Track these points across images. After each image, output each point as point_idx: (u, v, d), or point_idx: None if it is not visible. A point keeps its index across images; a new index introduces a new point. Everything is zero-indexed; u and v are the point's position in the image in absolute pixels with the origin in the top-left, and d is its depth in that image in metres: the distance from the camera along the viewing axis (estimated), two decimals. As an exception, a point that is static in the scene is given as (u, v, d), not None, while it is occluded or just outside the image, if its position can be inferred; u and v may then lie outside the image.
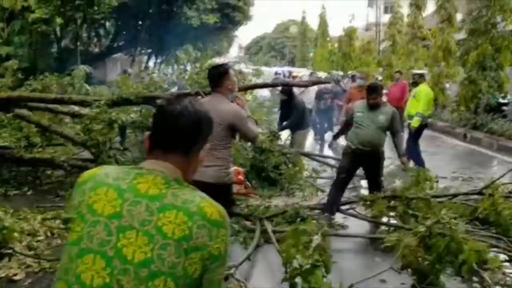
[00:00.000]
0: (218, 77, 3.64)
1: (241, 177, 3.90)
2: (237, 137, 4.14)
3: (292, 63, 48.15)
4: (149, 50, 26.35)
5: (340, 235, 4.97)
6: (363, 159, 5.23)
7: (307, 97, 10.27)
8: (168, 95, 6.58)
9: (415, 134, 8.14)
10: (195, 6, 19.10)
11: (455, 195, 5.05)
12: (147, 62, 26.92)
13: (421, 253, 3.33)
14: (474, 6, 12.73)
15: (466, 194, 5.02)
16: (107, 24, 22.09)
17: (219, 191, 3.60)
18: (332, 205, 5.33)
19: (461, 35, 13.82)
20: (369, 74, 19.70)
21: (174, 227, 1.20)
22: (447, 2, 15.35)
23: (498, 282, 3.46)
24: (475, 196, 5.11)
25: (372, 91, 5.18)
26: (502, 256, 4.14)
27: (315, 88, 10.86)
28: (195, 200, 1.28)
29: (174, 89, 9.29)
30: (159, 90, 7.57)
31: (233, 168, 3.76)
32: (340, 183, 5.37)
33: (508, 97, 12.95)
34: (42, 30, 16.57)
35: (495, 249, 4.23)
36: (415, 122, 7.98)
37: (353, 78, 13.20)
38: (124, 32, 22.62)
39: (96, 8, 14.59)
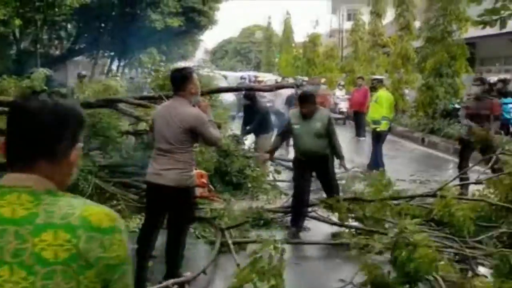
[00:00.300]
0: (181, 80, 3.67)
1: (204, 180, 3.93)
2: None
3: (257, 68, 48.34)
4: (112, 53, 25.90)
5: (304, 243, 5.04)
6: (311, 165, 5.26)
7: (279, 101, 10.40)
8: (130, 98, 6.54)
9: (383, 138, 8.46)
10: (159, 9, 18.93)
11: (411, 197, 5.24)
12: (109, 65, 26.44)
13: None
14: (431, 14, 13.24)
15: (422, 196, 5.22)
16: (69, 26, 21.58)
17: (181, 195, 3.64)
18: (296, 218, 5.34)
19: (419, 43, 14.33)
20: (333, 80, 20.15)
21: (56, 249, 0.99)
22: (406, 11, 15.92)
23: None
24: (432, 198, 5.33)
25: (304, 101, 5.14)
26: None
27: (287, 93, 10.92)
28: (75, 212, 1.04)
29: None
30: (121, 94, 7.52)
31: (196, 171, 3.79)
32: (298, 194, 5.33)
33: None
34: (0, 32, 16.04)
35: (450, 249, 4.44)
36: (384, 126, 8.29)
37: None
38: (86, 35, 22.14)
39: (56, 10, 14.23)
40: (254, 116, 8.00)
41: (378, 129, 8.39)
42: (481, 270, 4.25)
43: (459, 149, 7.24)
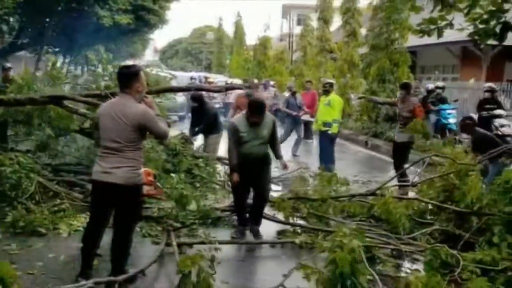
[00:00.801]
0: (128, 78, 3.67)
1: (150, 178, 3.95)
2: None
3: (208, 69, 48.20)
4: (57, 49, 24.98)
5: (251, 243, 5.08)
6: (250, 168, 5.10)
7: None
8: (77, 95, 6.42)
9: (334, 140, 8.80)
10: (107, 5, 18.48)
11: (353, 196, 5.49)
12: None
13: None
14: (376, 23, 13.83)
15: (362, 195, 5.48)
16: (11, 19, 20.59)
17: (129, 192, 3.65)
18: (240, 217, 5.37)
19: (364, 50, 14.91)
20: (283, 83, 20.45)
21: None
22: (351, 18, 16.50)
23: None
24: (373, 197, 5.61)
25: (256, 111, 4.95)
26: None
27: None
28: None
29: None
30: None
31: (143, 169, 3.81)
32: (238, 197, 5.31)
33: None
34: None
35: (388, 245, 4.71)
36: (334, 129, 8.63)
37: (264, 85, 13.54)
38: (29, 29, 21.21)
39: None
40: (202, 118, 8.05)
41: (329, 132, 8.70)
42: (416, 266, 4.54)
43: (392, 151, 7.72)
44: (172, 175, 5.50)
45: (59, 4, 18.38)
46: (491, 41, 4.93)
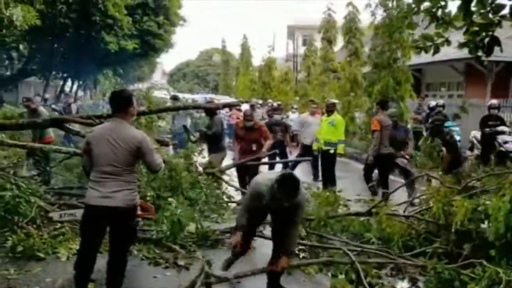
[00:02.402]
0: (124, 102, 3.73)
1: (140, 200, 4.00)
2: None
3: (215, 90, 48.68)
4: (65, 75, 25.44)
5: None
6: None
7: None
8: (77, 117, 6.53)
9: (335, 159, 8.92)
10: (113, 31, 18.86)
11: (349, 215, 5.45)
12: (62, 87, 25.91)
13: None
14: (378, 42, 13.91)
15: (358, 214, 5.43)
16: (20, 46, 21.07)
17: (128, 215, 3.69)
18: None
19: (367, 68, 14.98)
20: (288, 103, 20.53)
21: None
22: (354, 38, 16.63)
23: None
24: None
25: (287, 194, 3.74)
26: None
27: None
28: None
29: None
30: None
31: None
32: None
33: (409, 125, 14.12)
34: None
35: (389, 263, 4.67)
36: (341, 149, 8.71)
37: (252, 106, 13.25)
38: (38, 56, 21.67)
39: (5, 31, 13.95)
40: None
41: (332, 151, 8.75)
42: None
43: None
44: (170, 199, 5.49)
45: (67, 30, 18.78)
46: (495, 57, 4.96)
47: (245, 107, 17.91)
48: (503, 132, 9.39)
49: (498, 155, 8.82)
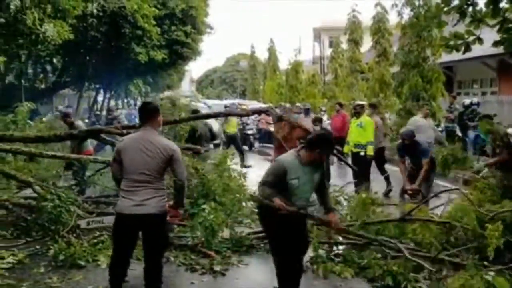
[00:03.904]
0: (153, 112, 3.89)
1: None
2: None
3: (243, 95, 48.93)
4: (97, 86, 26.11)
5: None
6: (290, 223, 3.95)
7: None
8: (112, 128, 6.71)
9: (370, 161, 8.94)
10: (143, 42, 19.26)
11: (385, 221, 5.37)
12: (95, 97, 26.61)
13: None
14: (406, 41, 13.73)
15: (392, 221, 5.35)
16: (54, 60, 21.77)
17: (160, 221, 3.80)
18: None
19: (396, 68, 14.79)
20: (316, 106, 20.49)
21: None
22: (382, 38, 16.47)
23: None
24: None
25: (325, 146, 3.88)
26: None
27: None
28: None
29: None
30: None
31: None
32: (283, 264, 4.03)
33: (442, 125, 13.85)
34: (-17, 68, 16.20)
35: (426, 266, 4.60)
36: (370, 151, 8.67)
37: (306, 111, 12.45)
38: (71, 68, 22.34)
39: (40, 46, 14.45)
40: None
41: (362, 153, 8.71)
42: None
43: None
44: (203, 205, 5.57)
45: (98, 43, 19.30)
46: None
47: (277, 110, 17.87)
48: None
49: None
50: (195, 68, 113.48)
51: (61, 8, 12.42)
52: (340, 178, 10.63)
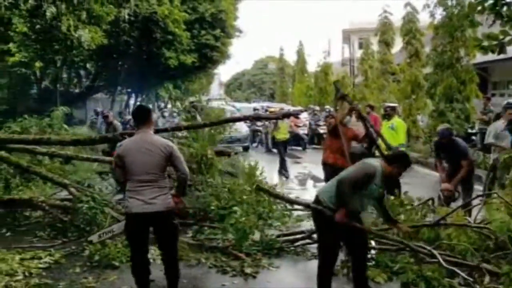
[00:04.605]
0: (147, 115, 4.12)
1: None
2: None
3: (272, 98, 48.91)
4: (129, 90, 26.64)
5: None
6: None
7: None
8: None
9: None
10: (173, 47, 19.56)
11: (416, 226, 5.25)
12: (127, 101, 27.15)
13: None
14: (439, 42, 13.42)
15: (426, 226, 5.22)
16: (87, 65, 22.35)
17: (169, 216, 3.99)
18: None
19: (428, 69, 14.47)
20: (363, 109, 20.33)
21: None
22: (414, 39, 16.17)
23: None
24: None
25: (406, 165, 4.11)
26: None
27: None
28: None
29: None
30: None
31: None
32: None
33: (476, 127, 13.48)
34: (21, 73, 16.76)
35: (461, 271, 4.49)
36: None
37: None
38: (104, 73, 22.89)
39: (75, 51, 14.88)
40: None
41: None
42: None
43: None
44: (235, 208, 5.61)
45: (130, 48, 19.70)
46: None
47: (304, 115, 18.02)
48: None
49: None
50: (224, 71, 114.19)
51: (95, 14, 12.76)
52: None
